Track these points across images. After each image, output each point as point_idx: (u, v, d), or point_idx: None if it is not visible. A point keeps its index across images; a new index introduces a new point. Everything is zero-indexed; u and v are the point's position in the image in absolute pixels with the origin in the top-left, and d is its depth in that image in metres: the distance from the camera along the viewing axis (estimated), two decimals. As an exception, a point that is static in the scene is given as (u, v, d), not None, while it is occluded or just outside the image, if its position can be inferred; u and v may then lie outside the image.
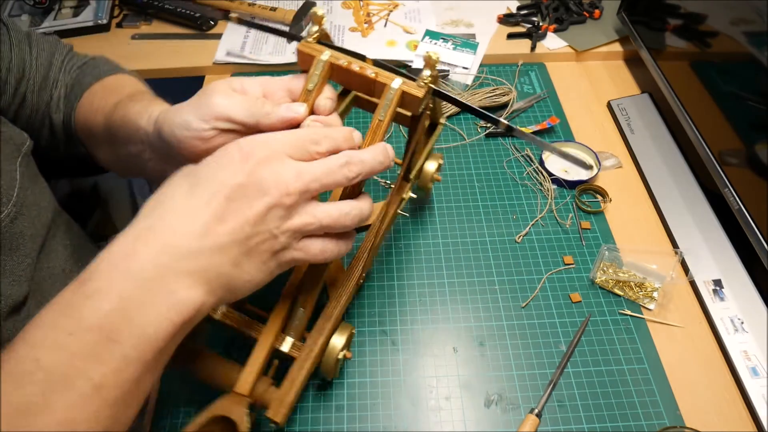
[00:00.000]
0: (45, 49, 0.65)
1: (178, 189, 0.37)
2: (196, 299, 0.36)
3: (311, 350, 0.48)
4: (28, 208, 0.55)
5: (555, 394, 0.57)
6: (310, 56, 0.47)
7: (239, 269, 0.37)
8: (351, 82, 0.48)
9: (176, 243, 0.35)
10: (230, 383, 0.45)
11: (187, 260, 0.35)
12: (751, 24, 0.63)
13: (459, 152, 0.80)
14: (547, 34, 0.96)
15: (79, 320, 0.32)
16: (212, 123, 0.43)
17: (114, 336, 0.33)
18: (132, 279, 0.34)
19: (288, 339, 0.48)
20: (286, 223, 0.38)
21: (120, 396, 0.33)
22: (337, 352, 0.50)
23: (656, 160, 0.77)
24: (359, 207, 0.41)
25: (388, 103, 0.45)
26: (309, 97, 0.46)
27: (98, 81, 0.63)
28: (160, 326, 0.34)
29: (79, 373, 0.32)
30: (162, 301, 0.34)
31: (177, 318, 0.35)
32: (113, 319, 0.33)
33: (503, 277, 0.66)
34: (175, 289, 0.35)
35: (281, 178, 0.37)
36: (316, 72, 0.46)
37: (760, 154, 0.60)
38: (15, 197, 0.52)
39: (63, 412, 0.31)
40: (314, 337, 0.49)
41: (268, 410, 0.45)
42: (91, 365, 0.32)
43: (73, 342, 0.32)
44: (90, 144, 0.61)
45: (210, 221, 0.36)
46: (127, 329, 0.33)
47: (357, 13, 1.02)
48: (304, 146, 0.39)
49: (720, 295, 0.63)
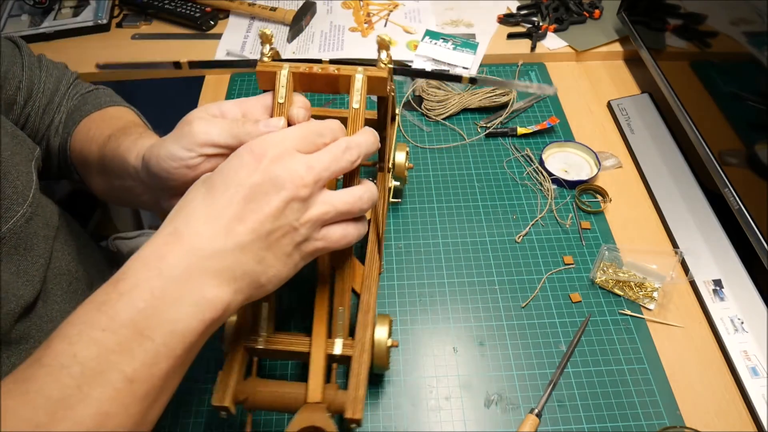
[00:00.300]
0: (53, 74, 0.66)
1: (198, 194, 0.39)
2: (224, 297, 0.37)
3: (363, 344, 0.50)
4: (42, 209, 0.56)
5: (555, 394, 0.57)
6: (271, 74, 0.49)
7: (264, 265, 0.38)
8: (315, 86, 0.50)
9: (201, 245, 0.36)
10: (296, 400, 0.47)
11: (212, 261, 0.36)
12: (751, 24, 0.63)
13: (459, 152, 0.80)
14: (547, 34, 0.96)
15: (113, 317, 0.34)
16: (197, 150, 0.44)
17: (146, 332, 0.34)
18: (163, 279, 0.35)
19: (337, 341, 0.50)
20: (304, 214, 0.39)
21: (150, 390, 0.34)
22: (385, 341, 0.51)
23: (656, 160, 0.77)
24: (369, 190, 0.43)
25: (359, 89, 0.48)
26: (282, 110, 0.48)
27: (98, 110, 0.64)
28: (189, 324, 0.36)
29: (113, 367, 0.33)
30: (191, 300, 0.36)
31: (205, 316, 0.36)
32: (145, 316, 0.34)
33: (503, 277, 0.66)
34: (203, 288, 0.36)
35: (294, 172, 0.38)
36: (282, 85, 0.48)
37: (760, 154, 0.60)
38: (31, 197, 0.53)
39: (98, 404, 0.32)
40: (361, 331, 0.50)
41: (346, 412, 0.46)
42: (124, 360, 0.33)
43: (107, 337, 0.33)
44: (84, 172, 0.62)
45: (231, 222, 0.37)
46: (159, 326, 0.34)
47: (357, 13, 1.02)
48: (310, 139, 0.41)
49: (720, 295, 0.63)
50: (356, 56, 0.93)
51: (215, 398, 0.46)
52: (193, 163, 0.44)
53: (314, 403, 0.46)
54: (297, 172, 0.38)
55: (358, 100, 0.48)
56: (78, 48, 0.96)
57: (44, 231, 0.56)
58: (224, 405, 0.46)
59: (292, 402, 0.47)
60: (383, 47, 0.49)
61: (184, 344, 0.36)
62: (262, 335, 0.50)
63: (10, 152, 0.53)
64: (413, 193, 0.75)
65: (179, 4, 1.01)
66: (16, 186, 0.52)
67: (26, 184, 0.53)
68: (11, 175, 0.52)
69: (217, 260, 0.37)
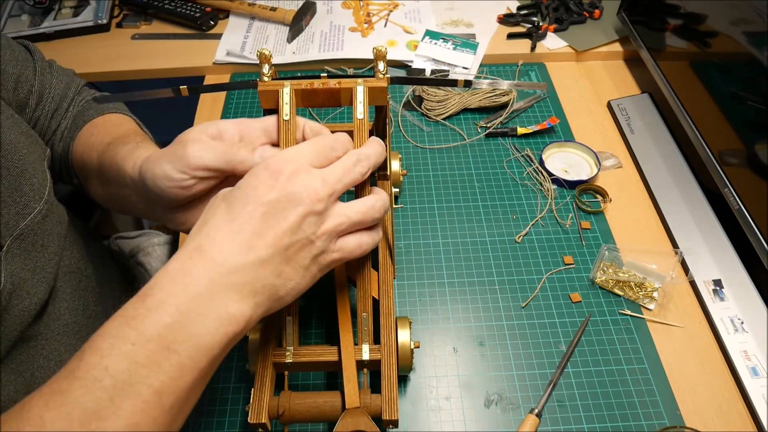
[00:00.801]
0: (63, 80, 0.67)
1: (218, 210, 0.40)
2: (246, 312, 0.38)
3: (390, 346, 0.51)
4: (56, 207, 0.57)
5: (555, 394, 0.57)
6: (273, 92, 0.50)
7: (283, 278, 0.40)
8: (317, 100, 0.51)
9: (223, 261, 0.38)
10: (333, 409, 0.48)
11: (234, 276, 0.38)
12: (751, 24, 0.63)
13: (459, 152, 0.80)
14: (547, 34, 0.96)
15: (142, 332, 0.35)
16: (190, 173, 0.45)
17: (173, 346, 0.36)
18: (188, 294, 0.37)
19: (364, 347, 0.51)
20: (320, 227, 0.40)
21: (176, 402, 0.36)
22: (409, 343, 0.52)
23: (656, 160, 0.77)
24: (381, 198, 0.44)
25: (362, 100, 0.49)
26: (288, 127, 0.48)
27: (100, 115, 0.65)
28: (213, 338, 0.37)
29: (142, 381, 0.34)
30: (215, 315, 0.37)
31: (228, 330, 0.38)
32: (172, 330, 0.36)
33: (503, 277, 0.66)
34: (227, 303, 0.38)
35: (310, 187, 0.39)
36: (286, 103, 0.49)
37: (760, 154, 0.60)
38: (46, 195, 0.54)
39: (129, 416, 0.34)
40: (386, 335, 0.52)
41: (383, 414, 0.47)
42: (153, 373, 0.35)
43: (137, 351, 0.35)
44: (84, 178, 0.63)
45: (251, 238, 0.38)
46: (185, 340, 0.36)
47: (357, 13, 1.02)
48: (323, 153, 0.42)
49: (720, 295, 0.63)
50: (356, 56, 0.93)
51: (252, 416, 0.47)
52: (186, 184, 0.45)
53: (354, 409, 0.47)
54: (312, 187, 0.39)
55: (362, 110, 0.49)
56: (78, 48, 0.96)
57: (57, 229, 0.57)
58: (262, 422, 0.47)
59: (330, 411, 0.49)
60: (380, 58, 0.50)
61: (208, 357, 0.37)
62: (289, 349, 0.51)
63: (26, 150, 0.54)
64: (413, 194, 0.75)
65: (179, 4, 1.01)
66: (33, 183, 0.53)
67: (42, 182, 0.54)
68: (28, 173, 0.53)
69: (239, 275, 0.38)
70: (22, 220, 0.51)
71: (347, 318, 0.52)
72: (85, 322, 0.61)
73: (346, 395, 0.48)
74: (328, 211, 0.41)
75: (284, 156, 0.41)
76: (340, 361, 0.50)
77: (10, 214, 0.50)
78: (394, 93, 0.89)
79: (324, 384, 0.59)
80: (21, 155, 0.52)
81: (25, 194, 0.52)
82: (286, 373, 0.52)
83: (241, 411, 0.56)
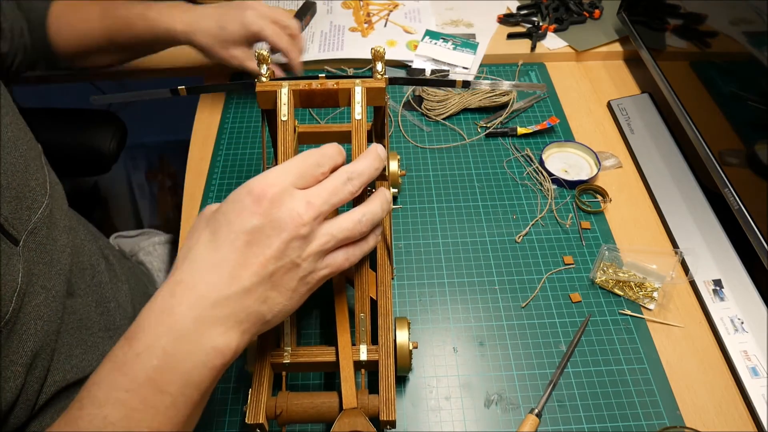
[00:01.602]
0: None
1: (201, 240, 0.40)
2: (232, 343, 0.38)
3: (388, 347, 0.51)
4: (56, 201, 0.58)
5: (555, 394, 0.57)
6: (271, 93, 0.50)
7: (268, 303, 0.39)
8: (315, 101, 0.51)
9: (206, 294, 0.38)
10: (331, 409, 0.48)
11: (218, 308, 0.38)
12: (751, 24, 0.63)
13: (459, 152, 0.80)
14: (547, 34, 0.96)
15: (134, 378, 0.36)
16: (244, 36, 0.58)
17: (164, 387, 0.36)
18: (173, 334, 0.37)
19: (362, 347, 0.51)
20: (306, 250, 0.39)
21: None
22: (407, 344, 0.52)
23: (656, 160, 0.77)
24: (370, 210, 0.43)
25: (360, 100, 0.49)
26: (286, 127, 0.49)
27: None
28: (202, 372, 0.38)
29: (140, 425, 0.36)
30: (202, 351, 0.37)
31: (216, 363, 0.38)
32: (162, 372, 0.36)
33: (503, 277, 0.66)
34: (212, 338, 0.38)
35: (294, 212, 0.38)
36: (284, 103, 0.49)
37: (760, 154, 0.60)
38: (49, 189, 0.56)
39: None
40: (384, 335, 0.51)
41: (380, 414, 0.47)
42: (149, 416, 0.36)
43: (131, 398, 0.36)
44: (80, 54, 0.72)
45: (234, 268, 0.38)
46: (174, 380, 0.37)
47: (357, 13, 1.02)
48: (309, 172, 0.40)
49: (720, 295, 0.63)
50: (356, 56, 0.93)
51: (249, 417, 0.47)
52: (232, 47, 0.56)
53: (351, 409, 0.47)
54: (296, 211, 0.38)
55: (360, 111, 0.49)
56: (78, 48, 0.96)
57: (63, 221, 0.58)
58: (259, 422, 0.47)
59: (327, 411, 0.49)
60: (378, 58, 0.50)
61: (199, 391, 0.38)
62: (286, 350, 0.51)
63: (26, 147, 0.55)
64: (413, 194, 0.75)
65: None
66: (38, 178, 0.55)
67: (43, 177, 0.56)
68: (32, 168, 0.54)
69: (223, 307, 0.38)
70: (33, 215, 0.52)
71: (345, 318, 0.51)
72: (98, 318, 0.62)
73: (343, 396, 0.48)
74: (314, 233, 0.40)
75: (267, 178, 0.39)
76: (338, 361, 0.50)
77: (22, 209, 0.51)
78: (394, 93, 0.89)
79: (322, 385, 0.59)
80: (22, 152, 0.53)
81: (32, 189, 0.53)
82: (284, 374, 0.52)
83: (241, 411, 0.56)
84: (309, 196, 0.39)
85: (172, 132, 1.57)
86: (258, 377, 0.49)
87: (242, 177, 0.77)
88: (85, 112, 0.95)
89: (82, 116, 0.95)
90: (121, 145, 0.93)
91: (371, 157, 0.44)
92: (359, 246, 0.44)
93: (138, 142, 1.58)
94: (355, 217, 0.42)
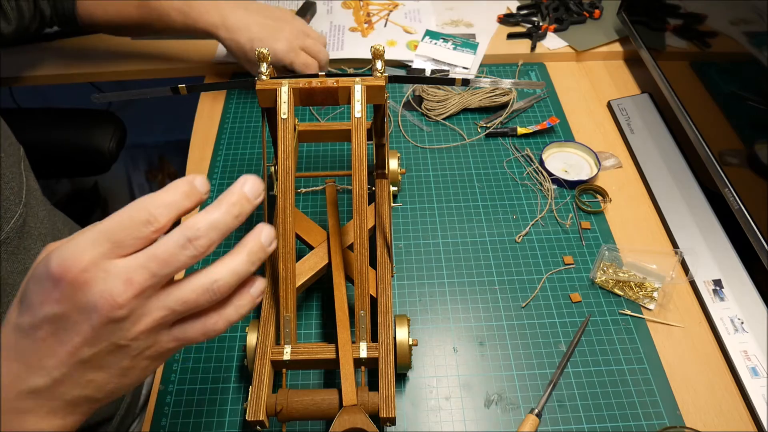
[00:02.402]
0: None
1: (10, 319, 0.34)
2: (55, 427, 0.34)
3: (388, 344, 0.51)
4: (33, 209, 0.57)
5: (555, 394, 0.57)
6: (271, 91, 0.50)
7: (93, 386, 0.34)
8: (315, 99, 0.52)
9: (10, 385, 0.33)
10: (331, 406, 0.48)
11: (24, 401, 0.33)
12: (751, 24, 0.63)
13: (459, 152, 0.80)
14: (547, 34, 0.96)
15: None
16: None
17: None
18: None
19: (362, 344, 0.51)
20: (131, 330, 0.32)
21: None
22: (407, 341, 0.52)
23: (656, 160, 0.77)
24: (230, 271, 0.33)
25: (360, 98, 0.49)
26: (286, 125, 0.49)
27: None
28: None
29: None
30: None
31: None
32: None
33: (503, 277, 0.66)
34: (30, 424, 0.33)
35: (106, 294, 0.30)
36: (284, 101, 0.49)
37: (760, 154, 0.60)
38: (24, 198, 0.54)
39: None
40: (383, 332, 0.52)
41: (380, 411, 0.47)
42: None
43: None
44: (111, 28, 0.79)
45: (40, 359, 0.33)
46: None
47: (357, 13, 1.02)
48: (132, 235, 0.31)
49: (720, 295, 0.63)
50: (356, 56, 0.93)
51: (250, 414, 0.47)
52: None
53: (351, 406, 0.47)
54: (109, 293, 0.30)
55: (360, 109, 0.49)
56: (78, 48, 0.96)
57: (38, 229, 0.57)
58: (260, 419, 0.47)
59: (327, 408, 0.49)
60: (378, 57, 0.50)
61: None
62: (286, 347, 0.51)
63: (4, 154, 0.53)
64: (413, 194, 0.75)
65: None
66: (12, 188, 0.53)
67: (19, 185, 0.54)
68: (7, 177, 0.53)
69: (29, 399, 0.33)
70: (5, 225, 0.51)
71: (345, 316, 0.52)
72: None
73: (343, 393, 0.48)
74: (140, 310, 0.31)
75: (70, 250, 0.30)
76: (338, 358, 0.50)
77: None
78: (394, 93, 0.89)
79: (322, 382, 0.59)
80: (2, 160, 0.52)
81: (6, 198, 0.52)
82: (285, 371, 0.52)
83: (241, 410, 0.56)
84: (129, 271, 0.30)
85: (172, 132, 1.57)
86: (258, 374, 0.49)
87: (242, 177, 0.77)
88: (85, 112, 0.95)
89: (82, 116, 0.95)
90: (120, 144, 0.93)
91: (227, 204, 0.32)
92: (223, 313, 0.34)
93: (138, 142, 1.58)
94: (202, 285, 0.32)
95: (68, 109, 0.96)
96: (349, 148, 0.49)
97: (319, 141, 0.68)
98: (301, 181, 0.76)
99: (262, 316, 0.54)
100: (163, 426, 0.55)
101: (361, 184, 0.50)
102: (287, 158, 0.50)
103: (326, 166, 0.78)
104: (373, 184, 0.65)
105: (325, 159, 0.79)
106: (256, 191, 0.33)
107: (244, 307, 0.34)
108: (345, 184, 0.73)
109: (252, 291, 0.34)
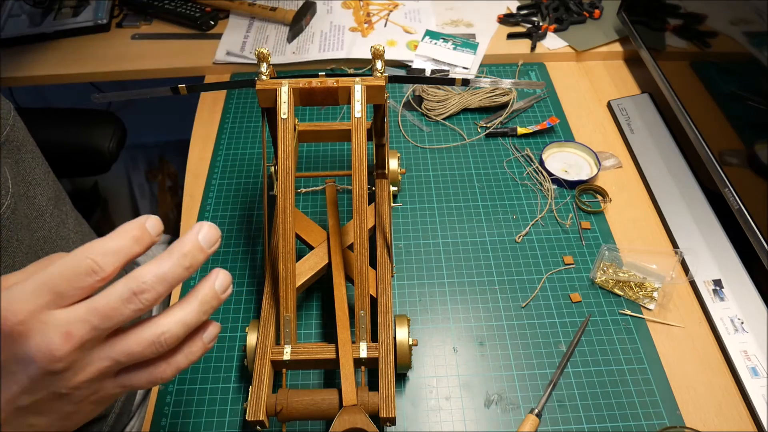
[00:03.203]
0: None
1: None
2: None
3: (388, 344, 0.51)
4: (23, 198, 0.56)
5: (555, 394, 0.57)
6: (271, 91, 0.50)
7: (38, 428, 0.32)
8: (315, 99, 0.51)
9: None
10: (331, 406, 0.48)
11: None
12: (751, 24, 0.63)
13: (459, 152, 0.80)
14: (547, 34, 0.96)
15: None
16: None
17: None
18: None
19: (362, 344, 0.51)
20: (72, 380, 0.30)
21: None
22: (407, 341, 0.52)
23: (656, 160, 0.77)
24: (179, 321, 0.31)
25: (360, 98, 0.49)
26: (286, 125, 0.49)
27: None
28: None
29: None
30: None
31: None
32: None
33: (503, 277, 0.66)
34: None
35: (42, 346, 0.29)
36: (284, 101, 0.49)
37: (760, 154, 0.60)
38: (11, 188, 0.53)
39: None
40: (384, 332, 0.52)
41: (380, 411, 0.47)
42: None
43: None
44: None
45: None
46: None
47: (357, 13, 1.02)
48: (75, 285, 0.29)
49: (720, 295, 0.63)
50: (356, 56, 0.93)
51: (250, 414, 0.47)
52: None
53: (351, 406, 0.47)
54: (46, 345, 0.29)
55: (360, 109, 0.49)
56: (78, 48, 0.96)
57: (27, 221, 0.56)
58: (260, 419, 0.47)
59: (327, 408, 0.49)
60: (378, 57, 0.50)
61: None
62: (286, 347, 0.51)
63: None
64: (413, 194, 0.75)
65: (179, 4, 1.01)
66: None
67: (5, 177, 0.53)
68: None
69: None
70: None
71: (345, 316, 0.52)
72: None
73: (343, 393, 0.48)
74: (81, 362, 0.30)
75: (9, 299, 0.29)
76: (338, 358, 0.50)
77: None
78: (394, 93, 0.89)
79: (322, 382, 0.59)
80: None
81: None
82: (285, 371, 0.52)
83: (241, 410, 0.56)
84: (69, 323, 0.29)
85: (172, 132, 1.57)
86: (258, 374, 0.49)
87: (242, 177, 0.77)
88: (85, 112, 0.95)
89: (82, 116, 0.95)
90: (120, 144, 0.93)
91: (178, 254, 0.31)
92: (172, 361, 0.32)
93: (138, 142, 1.57)
94: (148, 338, 0.31)
95: (68, 109, 0.96)
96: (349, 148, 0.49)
97: (319, 141, 0.68)
98: (301, 181, 0.76)
99: (262, 316, 0.54)
100: (163, 426, 0.55)
101: (361, 184, 0.50)
102: (287, 158, 0.50)
103: (326, 166, 0.78)
104: (373, 184, 0.65)
105: (325, 159, 0.79)
106: (211, 240, 0.32)
107: (195, 354, 0.33)
108: (345, 184, 0.73)
109: (204, 337, 0.33)
